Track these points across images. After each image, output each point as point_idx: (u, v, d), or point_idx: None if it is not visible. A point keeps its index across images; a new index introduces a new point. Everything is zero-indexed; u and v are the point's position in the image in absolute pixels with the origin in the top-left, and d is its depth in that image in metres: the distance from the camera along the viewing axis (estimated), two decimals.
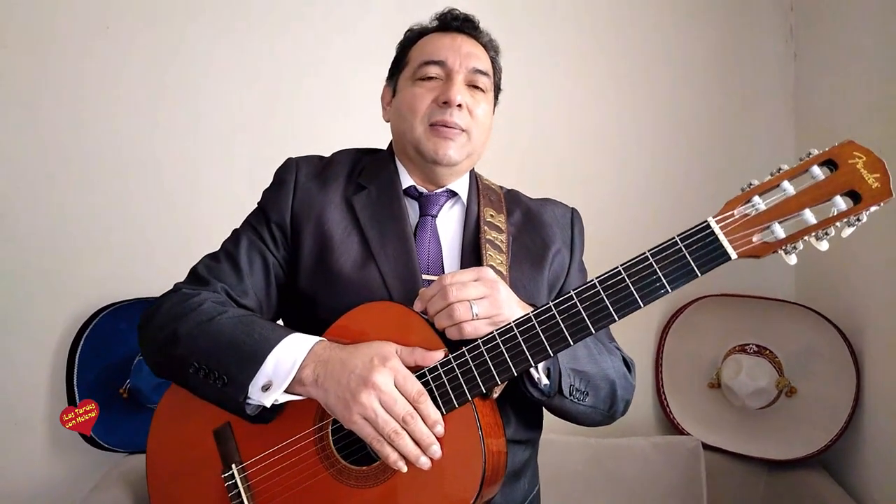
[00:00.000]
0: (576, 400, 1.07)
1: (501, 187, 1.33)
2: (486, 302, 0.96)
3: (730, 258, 0.90)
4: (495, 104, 1.29)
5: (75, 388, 1.93)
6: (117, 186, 2.07)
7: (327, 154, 1.28)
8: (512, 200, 1.29)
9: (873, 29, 1.77)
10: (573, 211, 1.32)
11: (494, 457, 0.97)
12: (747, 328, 2.07)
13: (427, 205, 1.21)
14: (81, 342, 1.95)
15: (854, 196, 0.87)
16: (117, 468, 1.82)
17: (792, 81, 2.16)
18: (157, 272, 2.04)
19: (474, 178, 1.28)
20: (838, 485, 1.83)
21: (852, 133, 1.84)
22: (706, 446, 1.98)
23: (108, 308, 1.99)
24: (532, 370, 1.01)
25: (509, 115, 2.04)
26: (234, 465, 1.07)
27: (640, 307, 0.92)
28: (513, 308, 0.99)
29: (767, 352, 2.02)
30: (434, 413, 0.94)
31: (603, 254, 1.33)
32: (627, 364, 1.23)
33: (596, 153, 2.19)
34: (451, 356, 0.97)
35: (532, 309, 0.96)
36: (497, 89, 1.29)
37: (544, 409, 1.17)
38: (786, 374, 2.00)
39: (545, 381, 1.03)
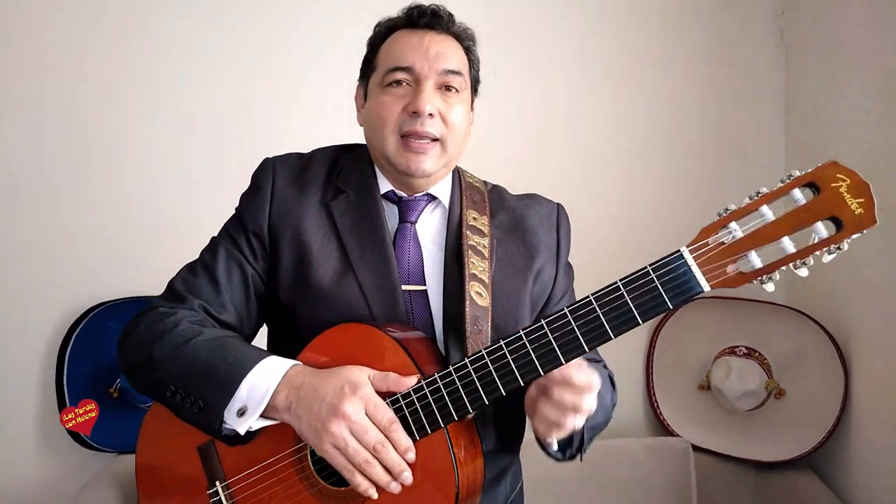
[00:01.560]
0: (585, 450, 1.11)
1: (486, 183, 1.27)
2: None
3: (702, 290, 0.87)
4: (474, 97, 1.22)
5: (65, 388, 1.92)
6: (108, 185, 2.06)
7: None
8: (496, 200, 1.24)
9: (862, 33, 1.78)
10: (559, 208, 1.26)
11: (469, 477, 0.98)
12: (737, 330, 2.08)
13: (406, 210, 1.16)
14: (72, 341, 1.94)
15: (836, 222, 0.83)
16: (108, 468, 1.82)
17: (782, 85, 2.17)
18: (147, 271, 2.03)
19: (457, 176, 1.23)
20: (826, 486, 1.84)
21: (842, 136, 1.86)
22: (696, 448, 2.00)
23: (99, 307, 1.98)
24: (553, 448, 1.03)
25: (503, 118, 2.05)
26: (217, 483, 1.07)
27: (611, 338, 0.90)
28: None
29: (757, 354, 2.03)
30: (405, 440, 0.93)
31: (595, 256, 1.33)
32: (612, 381, 1.21)
33: (588, 156, 2.19)
34: (423, 382, 0.96)
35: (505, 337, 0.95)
36: (476, 82, 1.22)
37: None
38: (775, 377, 2.01)
39: (570, 452, 1.08)
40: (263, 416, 0.97)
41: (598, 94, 2.20)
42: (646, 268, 0.89)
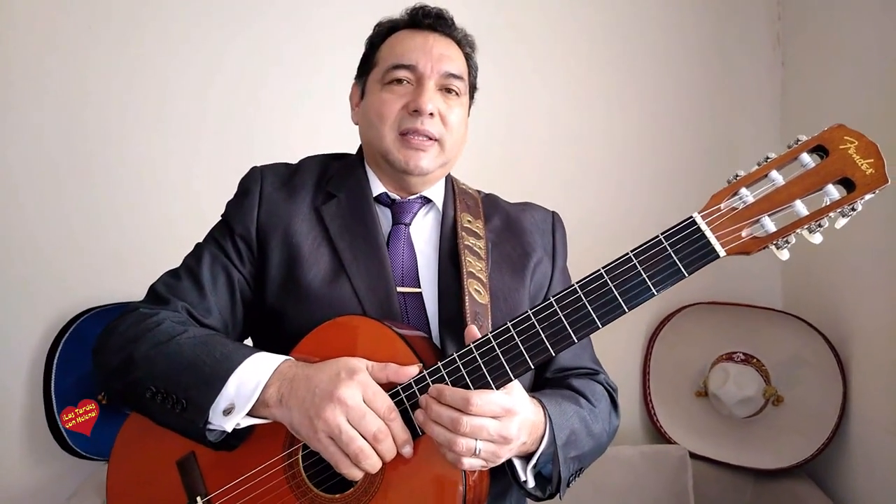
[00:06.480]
0: (572, 482, 1.05)
1: (479, 191, 1.27)
2: (494, 447, 0.87)
3: (718, 256, 0.84)
4: (471, 104, 1.23)
5: (52, 394, 1.89)
6: (94, 190, 2.04)
7: (295, 160, 1.22)
8: (490, 205, 1.24)
9: (859, 36, 1.78)
10: (554, 215, 1.26)
11: (476, 482, 0.92)
12: (735, 337, 2.07)
13: (400, 213, 1.14)
14: (59, 348, 1.91)
15: (847, 184, 0.81)
16: (94, 477, 1.80)
17: (779, 89, 2.16)
18: (136, 276, 1.97)
19: (450, 182, 1.22)
20: (825, 494, 1.82)
21: None
22: (693, 455, 1.98)
23: (87, 313, 1.95)
24: (530, 486, 0.97)
25: (492, 117, 2.03)
26: (199, 498, 1.01)
27: (624, 312, 0.85)
28: (514, 450, 0.91)
29: (755, 360, 2.02)
30: (404, 433, 0.89)
31: (585, 260, 1.31)
32: (613, 399, 1.17)
33: (581, 158, 2.18)
34: (425, 372, 0.91)
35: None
36: (473, 88, 1.22)
37: None
38: (773, 383, 1.99)
39: (550, 490, 1.01)
40: (252, 414, 0.92)
41: (594, 97, 2.19)
42: (657, 237, 0.86)
